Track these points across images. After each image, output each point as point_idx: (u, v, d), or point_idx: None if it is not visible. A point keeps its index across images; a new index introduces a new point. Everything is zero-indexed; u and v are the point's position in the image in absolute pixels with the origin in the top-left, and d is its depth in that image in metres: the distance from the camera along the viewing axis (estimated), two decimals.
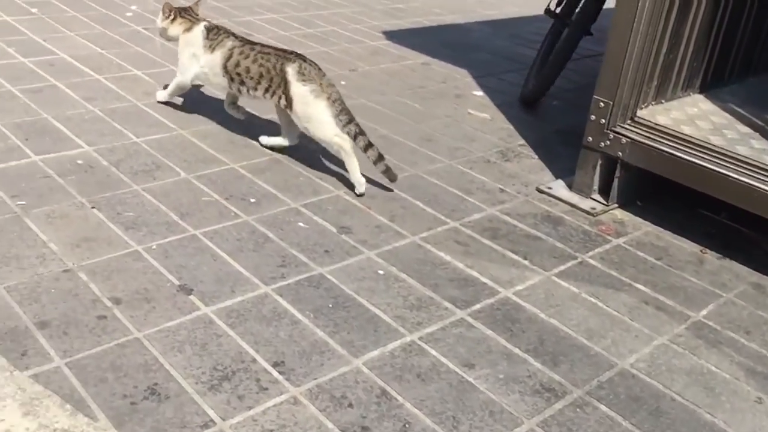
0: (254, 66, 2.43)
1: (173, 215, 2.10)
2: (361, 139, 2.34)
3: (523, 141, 2.92)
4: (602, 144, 2.37)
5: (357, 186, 2.33)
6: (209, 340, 1.63)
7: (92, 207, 2.09)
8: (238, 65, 2.45)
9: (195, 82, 2.67)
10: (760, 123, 2.47)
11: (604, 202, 2.43)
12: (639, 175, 2.40)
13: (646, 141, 2.30)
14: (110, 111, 2.71)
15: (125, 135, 2.54)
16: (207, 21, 2.63)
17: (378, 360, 1.63)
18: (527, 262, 2.08)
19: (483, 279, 1.98)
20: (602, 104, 2.35)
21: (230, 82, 2.50)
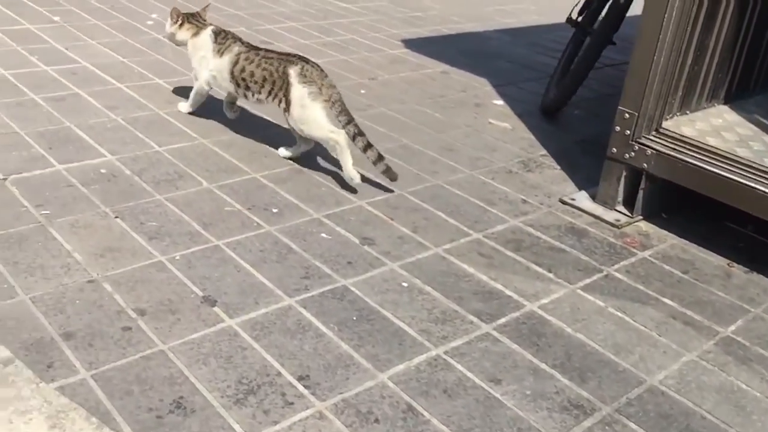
0: (258, 70, 2.48)
1: (196, 225, 2.10)
2: (360, 140, 2.37)
3: (545, 151, 2.91)
4: (627, 155, 2.35)
5: (352, 179, 2.37)
6: (234, 353, 1.62)
7: (116, 216, 2.09)
8: (244, 71, 2.51)
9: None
10: None
11: (629, 214, 2.40)
12: (663, 187, 2.37)
13: (672, 153, 2.28)
14: (132, 120, 2.72)
15: (147, 144, 2.55)
16: (214, 26, 2.68)
17: (403, 374, 1.62)
18: (552, 275, 2.06)
19: (507, 292, 1.96)
20: (627, 115, 2.33)
21: (237, 88, 2.56)
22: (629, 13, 2.99)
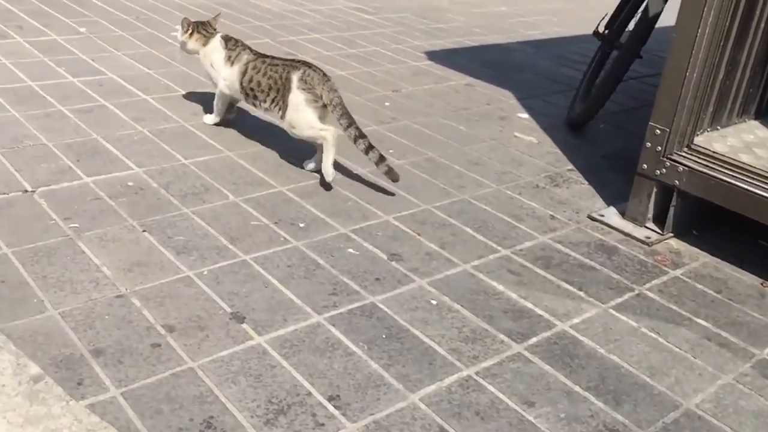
0: (264, 79, 2.53)
1: (223, 239, 2.09)
2: (362, 142, 2.41)
3: (572, 166, 2.88)
4: (658, 172, 2.31)
5: (326, 175, 2.41)
6: (263, 372, 1.61)
7: (143, 230, 2.09)
8: (252, 80, 2.57)
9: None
10: None
11: (659, 231, 2.36)
12: (694, 204, 2.33)
13: (704, 169, 2.24)
14: (158, 132, 2.72)
15: (174, 156, 2.55)
16: (222, 33, 2.74)
17: (435, 395, 1.59)
18: (582, 294, 2.03)
19: (538, 311, 1.93)
20: (658, 131, 2.30)
21: (246, 97, 2.63)
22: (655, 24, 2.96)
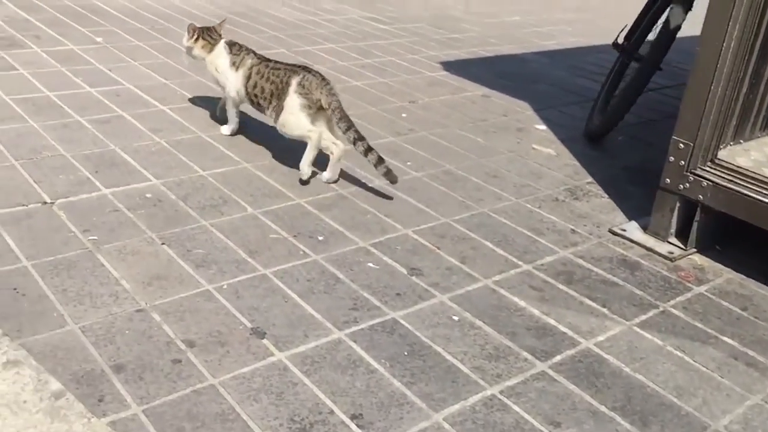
0: (267, 84, 2.56)
1: (242, 253, 2.07)
2: (360, 144, 2.44)
3: (591, 178, 2.85)
4: (681, 186, 2.29)
5: (301, 173, 2.49)
6: (285, 389, 1.59)
7: (162, 243, 2.07)
8: (256, 86, 2.59)
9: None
10: None
11: (683, 247, 2.33)
12: (718, 219, 2.30)
13: (728, 184, 2.21)
14: (176, 143, 2.72)
15: (191, 168, 2.54)
16: (226, 38, 2.78)
17: (459, 415, 1.57)
18: (606, 311, 2.00)
19: (561, 328, 1.90)
20: (682, 145, 2.27)
21: (251, 103, 2.66)
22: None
